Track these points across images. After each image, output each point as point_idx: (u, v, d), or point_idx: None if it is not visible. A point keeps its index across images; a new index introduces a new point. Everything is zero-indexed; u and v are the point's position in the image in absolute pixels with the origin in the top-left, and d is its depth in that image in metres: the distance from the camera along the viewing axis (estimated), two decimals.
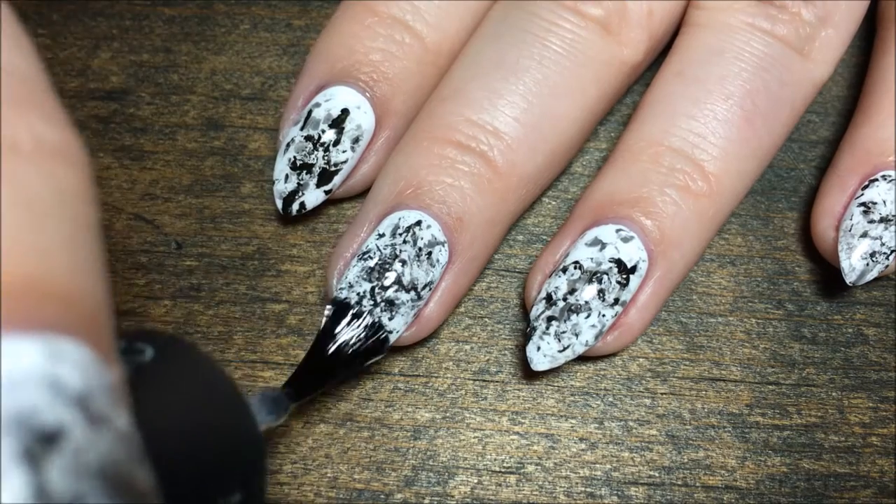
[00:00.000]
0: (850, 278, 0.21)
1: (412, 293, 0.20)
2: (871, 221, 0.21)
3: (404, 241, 0.20)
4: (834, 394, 0.22)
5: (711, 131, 0.22)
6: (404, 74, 0.22)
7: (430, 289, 0.21)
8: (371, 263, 0.20)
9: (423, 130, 0.22)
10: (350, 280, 0.20)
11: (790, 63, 0.22)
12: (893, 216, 0.22)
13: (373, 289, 0.20)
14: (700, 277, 0.24)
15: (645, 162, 0.22)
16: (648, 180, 0.21)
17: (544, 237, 0.24)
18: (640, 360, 0.23)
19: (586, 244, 0.21)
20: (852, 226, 0.22)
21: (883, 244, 0.21)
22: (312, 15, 0.27)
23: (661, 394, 0.22)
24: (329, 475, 0.21)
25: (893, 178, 0.22)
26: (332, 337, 0.20)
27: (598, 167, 0.25)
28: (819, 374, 0.23)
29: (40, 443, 0.08)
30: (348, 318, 0.20)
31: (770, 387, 0.22)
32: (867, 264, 0.21)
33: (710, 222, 0.22)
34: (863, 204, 0.22)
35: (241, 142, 0.25)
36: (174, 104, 0.25)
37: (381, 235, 0.21)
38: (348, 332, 0.20)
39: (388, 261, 0.20)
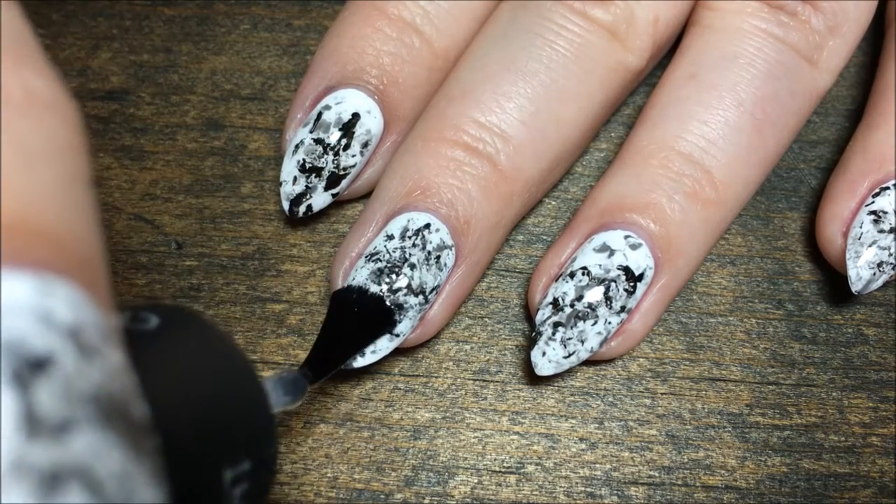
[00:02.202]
0: (856, 287, 0.21)
1: (420, 297, 0.20)
2: (882, 231, 0.21)
3: (413, 245, 0.20)
4: (834, 394, 0.22)
5: (722, 137, 0.22)
6: (414, 80, 0.22)
7: (437, 292, 0.21)
8: (380, 266, 0.20)
9: (430, 130, 0.21)
10: (359, 282, 0.20)
11: (800, 71, 0.22)
12: None
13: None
14: (700, 277, 0.24)
15: (655, 166, 0.21)
16: (658, 185, 0.21)
17: (544, 237, 0.24)
18: (640, 360, 0.23)
19: (594, 249, 0.21)
20: (862, 234, 0.21)
21: (891, 254, 0.21)
22: (312, 15, 0.27)
23: (661, 394, 0.22)
24: (329, 475, 0.21)
25: None
26: (343, 317, 0.20)
27: (599, 167, 0.25)
28: (819, 374, 0.23)
29: (29, 368, 0.08)
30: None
31: (770, 387, 0.22)
32: (874, 273, 0.21)
33: (716, 230, 0.22)
34: (873, 212, 0.22)
35: (241, 142, 0.25)
36: (174, 104, 0.25)
37: (390, 237, 0.20)
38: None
39: (398, 264, 0.20)
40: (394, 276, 0.20)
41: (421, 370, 0.22)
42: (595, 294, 0.21)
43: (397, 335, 0.20)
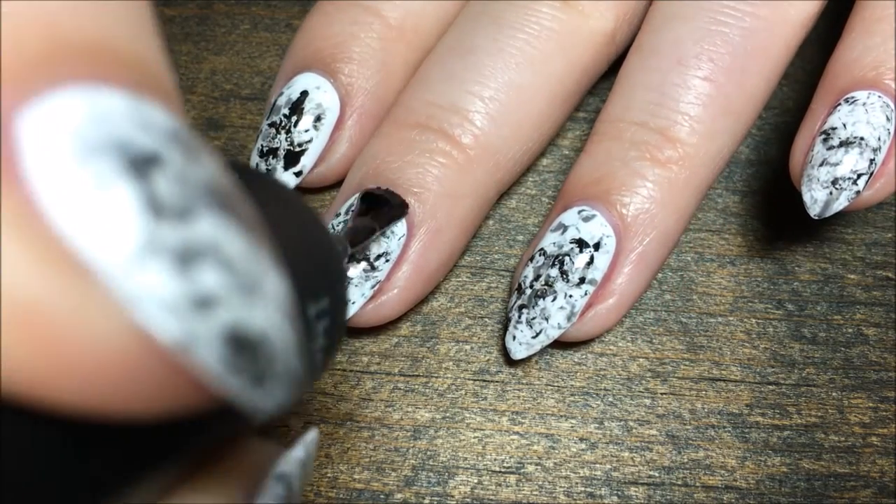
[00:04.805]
0: (812, 211, 0.20)
1: (363, 264, 0.21)
2: (831, 148, 0.20)
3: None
4: (834, 394, 0.22)
5: (670, 97, 0.21)
6: (367, 52, 0.23)
7: (387, 260, 0.21)
8: None
9: (387, 120, 0.22)
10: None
11: (755, 9, 0.21)
12: (856, 138, 0.20)
13: None
14: (700, 277, 0.24)
15: (608, 140, 0.22)
16: (611, 156, 0.21)
17: None
18: (640, 360, 0.23)
19: (551, 230, 0.21)
20: (813, 156, 0.20)
21: (850, 168, 0.20)
22: None
23: (661, 394, 0.22)
24: (329, 475, 0.21)
25: (856, 99, 0.20)
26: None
27: None
28: (819, 374, 0.23)
29: (142, 162, 0.08)
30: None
31: (770, 387, 0.22)
32: (830, 193, 0.20)
33: (685, 188, 0.21)
34: (824, 132, 0.20)
35: (241, 142, 0.25)
36: None
37: (338, 215, 0.21)
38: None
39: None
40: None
41: (421, 370, 0.22)
42: (550, 270, 0.21)
43: (352, 302, 0.21)
